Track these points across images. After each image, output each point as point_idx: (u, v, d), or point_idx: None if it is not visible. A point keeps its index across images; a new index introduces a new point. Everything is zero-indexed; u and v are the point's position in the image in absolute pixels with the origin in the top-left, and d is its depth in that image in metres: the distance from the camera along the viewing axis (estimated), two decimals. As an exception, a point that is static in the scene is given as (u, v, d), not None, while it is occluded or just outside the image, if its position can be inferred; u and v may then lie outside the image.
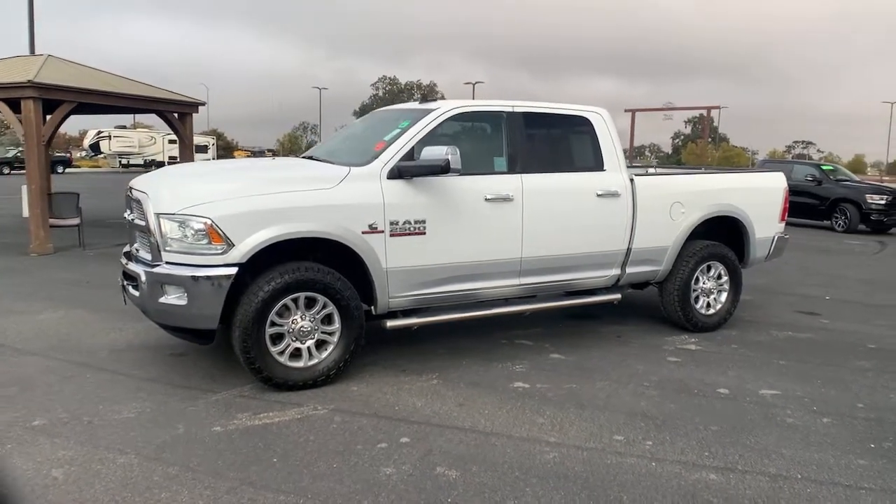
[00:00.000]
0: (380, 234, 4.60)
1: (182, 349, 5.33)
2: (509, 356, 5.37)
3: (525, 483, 3.34)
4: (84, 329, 5.87)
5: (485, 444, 3.78)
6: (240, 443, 3.70)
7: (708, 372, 5.14)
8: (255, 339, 4.30)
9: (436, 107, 5.08)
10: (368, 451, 3.65)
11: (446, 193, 4.83)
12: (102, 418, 3.99)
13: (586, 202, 5.46)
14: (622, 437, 3.93)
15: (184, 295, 4.19)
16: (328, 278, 4.47)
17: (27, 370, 4.79)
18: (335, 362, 4.58)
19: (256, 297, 4.27)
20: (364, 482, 3.30)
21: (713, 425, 4.13)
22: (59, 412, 4.06)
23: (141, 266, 4.39)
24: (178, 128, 12.22)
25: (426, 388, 4.61)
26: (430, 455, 3.61)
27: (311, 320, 4.49)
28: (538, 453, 3.68)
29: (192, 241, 4.20)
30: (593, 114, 5.70)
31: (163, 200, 4.29)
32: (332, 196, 4.49)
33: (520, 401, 4.44)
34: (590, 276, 5.65)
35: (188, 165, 5.93)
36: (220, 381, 4.64)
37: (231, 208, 4.22)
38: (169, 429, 3.86)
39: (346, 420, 4.05)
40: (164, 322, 4.40)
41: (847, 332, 6.48)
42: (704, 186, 6.21)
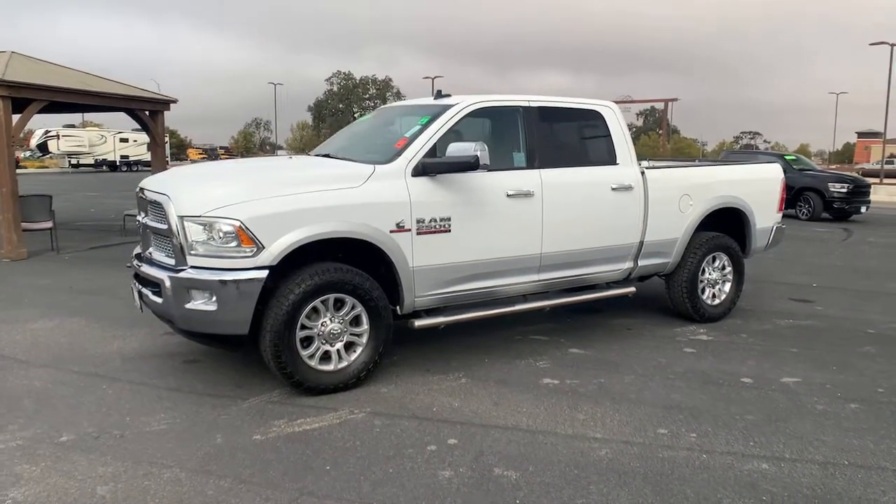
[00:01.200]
0: (407, 232, 4.52)
1: (195, 356, 5.15)
2: (529, 352, 5.36)
3: (586, 481, 3.33)
4: (85, 338, 5.62)
5: (533, 442, 3.75)
6: (286, 451, 3.59)
7: (727, 362, 5.21)
8: (286, 344, 4.18)
9: (454, 102, 5.01)
10: (419, 454, 3.58)
11: (470, 190, 4.78)
12: (133, 431, 3.82)
13: (602, 196, 5.47)
14: (666, 431, 3.95)
15: (212, 300, 4.04)
16: (357, 279, 4.37)
17: (38, 383, 4.56)
18: (364, 364, 4.48)
19: (287, 300, 4.14)
20: (426, 486, 3.24)
21: (748, 415, 4.19)
22: (85, 426, 3.87)
23: (164, 271, 4.21)
24: (149, 126, 11.83)
25: (457, 388, 4.56)
26: (483, 456, 3.57)
27: (340, 322, 4.38)
28: (589, 450, 3.67)
29: (219, 245, 4.05)
30: (604, 107, 5.71)
31: (187, 203, 4.12)
32: (360, 195, 4.39)
33: (553, 397, 4.43)
34: (604, 270, 5.67)
35: (204, 165, 5.71)
36: (244, 388, 4.50)
37: (260, 209, 4.08)
38: (207, 440, 3.72)
39: (387, 423, 3.97)
40: (191, 329, 4.23)
41: (843, 318, 6.67)
42: (710, 179, 6.30)
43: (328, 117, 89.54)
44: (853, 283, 8.67)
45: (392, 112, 5.75)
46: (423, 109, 5.13)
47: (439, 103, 5.09)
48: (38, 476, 3.30)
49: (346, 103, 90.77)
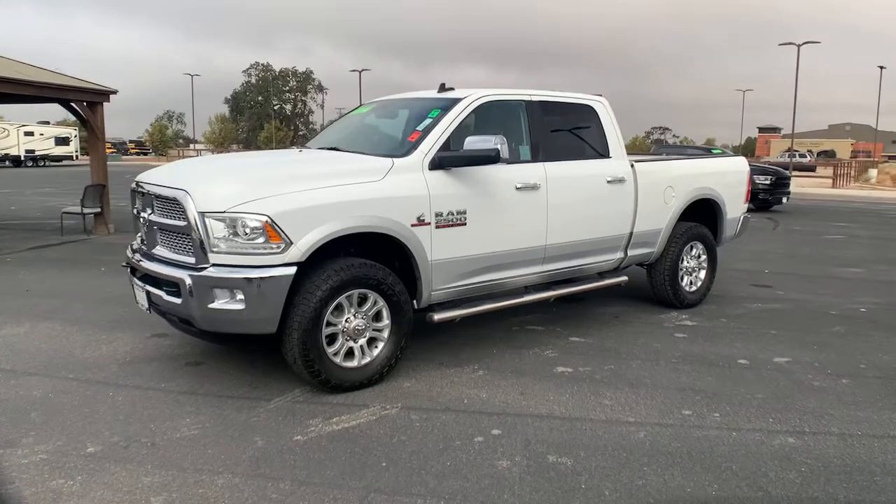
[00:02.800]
0: (426, 226, 4.50)
1: (196, 357, 4.96)
2: (532, 342, 5.45)
3: (638, 463, 3.44)
4: (68, 343, 5.29)
5: (573, 429, 3.84)
6: (334, 450, 3.52)
7: (717, 345, 5.48)
8: (313, 342, 4.09)
9: (463, 95, 5.02)
10: (469, 446, 3.60)
11: (483, 183, 4.81)
12: (163, 438, 3.64)
13: (598, 189, 5.63)
14: (690, 412, 4.13)
15: (240, 299, 3.90)
16: (381, 274, 4.33)
17: (36, 392, 4.26)
18: (387, 360, 4.45)
19: (315, 297, 4.05)
20: (490, 477, 3.26)
21: (758, 394, 4.43)
22: (108, 436, 3.66)
23: (182, 270, 4.02)
24: (88, 119, 11.16)
25: (478, 380, 4.59)
26: (532, 445, 3.62)
27: (363, 318, 4.33)
28: (628, 434, 3.80)
29: (245, 241, 3.91)
30: (596, 102, 5.87)
31: (208, 198, 3.95)
32: (382, 189, 4.34)
33: (574, 385, 4.54)
34: (599, 261, 5.84)
35: (213, 159, 5.46)
36: (261, 389, 4.37)
37: (288, 204, 3.97)
38: (246, 443, 3.60)
39: (425, 418, 3.96)
40: (215, 329, 4.06)
41: (805, 301, 7.14)
42: (690, 171, 6.59)
43: (246, 110, 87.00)
44: (799, 268, 9.26)
45: (393, 104, 5.69)
46: (429, 102, 5.11)
47: (447, 96, 5.09)
48: (79, 491, 3.10)
49: (266, 95, 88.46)
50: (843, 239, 12.74)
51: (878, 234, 13.58)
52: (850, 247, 11.63)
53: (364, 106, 5.92)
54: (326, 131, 5.91)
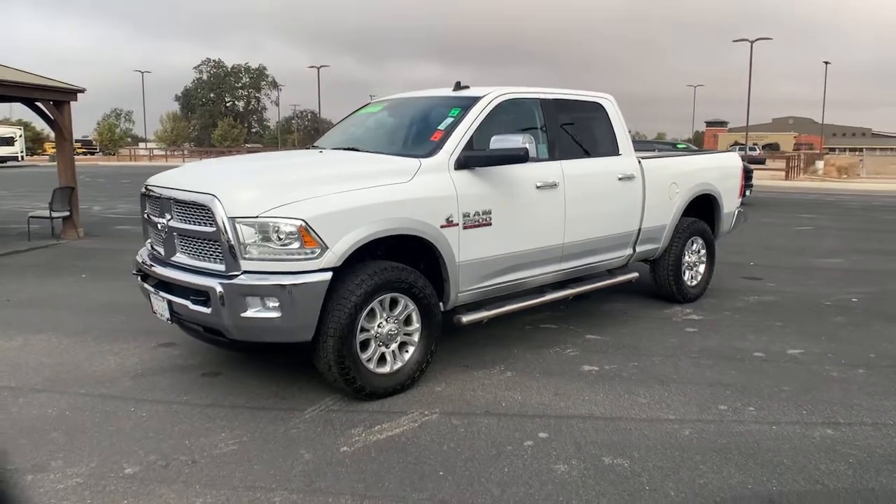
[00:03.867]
0: (454, 227, 4.43)
1: (211, 368, 4.77)
2: (550, 341, 5.43)
3: (693, 461, 3.45)
4: (70, 356, 5.03)
5: (618, 429, 3.83)
6: (385, 461, 3.42)
7: (730, 339, 5.56)
8: (348, 349, 3.97)
9: (482, 93, 4.95)
10: (521, 451, 3.55)
11: (506, 182, 4.76)
12: (204, 455, 3.48)
13: (611, 186, 5.64)
14: (725, 407, 4.16)
15: (275, 306, 3.75)
16: (412, 277, 4.23)
17: (51, 411, 4.03)
18: (418, 364, 4.36)
19: (350, 302, 3.94)
20: (552, 483, 3.22)
21: (784, 386, 4.50)
22: (143, 455, 3.48)
23: (211, 278, 3.85)
24: (55, 118, 10.67)
25: (508, 382, 4.54)
26: (583, 447, 3.59)
27: (394, 322, 4.23)
28: (673, 432, 3.80)
29: (279, 247, 3.76)
30: (604, 99, 5.88)
31: (238, 203, 3.78)
32: (412, 190, 4.25)
33: (605, 383, 4.53)
34: (610, 258, 5.86)
35: (231, 161, 5.22)
36: (291, 398, 4.23)
37: (322, 207, 3.84)
38: (293, 456, 3.47)
39: (467, 423, 3.89)
40: (248, 339, 3.90)
41: (798, 293, 7.32)
42: (692, 167, 6.67)
43: (198, 107, 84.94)
44: (780, 260, 9.50)
45: (407, 103, 5.57)
46: (447, 101, 5.03)
47: (465, 95, 5.02)
48: (128, 515, 2.93)
49: (218, 92, 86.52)
50: (812, 230, 13.14)
51: (842, 226, 14.04)
52: (821, 238, 11.99)
53: (373, 104, 5.79)
54: (336, 131, 5.76)
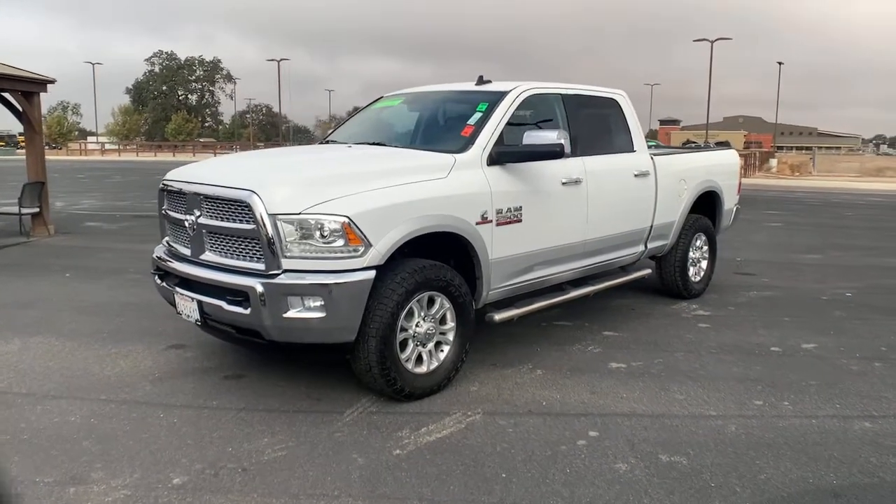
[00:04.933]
0: (489, 224, 4.36)
1: (232, 370, 4.60)
2: (569, 338, 5.41)
3: (748, 457, 3.46)
4: (74, 359, 4.78)
5: (665, 426, 3.82)
6: (443, 463, 3.34)
7: (743, 334, 5.63)
8: (390, 349, 3.87)
9: (508, 88, 4.89)
10: (577, 450, 3.51)
11: (535, 178, 4.71)
12: (252, 462, 3.33)
13: (628, 182, 5.65)
14: (761, 402, 4.20)
15: (319, 306, 3.62)
16: (449, 275, 4.15)
17: (74, 418, 3.80)
18: (453, 363, 4.28)
19: (392, 301, 3.83)
20: (618, 482, 3.18)
21: (811, 380, 4.57)
22: (188, 464, 3.31)
23: (250, 277, 3.69)
24: (25, 111, 10.17)
25: (541, 380, 4.50)
26: (637, 445, 3.57)
27: (431, 321, 4.14)
28: (719, 427, 3.82)
29: (322, 244, 3.63)
30: (619, 95, 5.88)
31: (279, 199, 3.63)
32: (449, 186, 4.16)
33: (637, 380, 4.52)
34: (626, 254, 5.87)
35: (262, 155, 4.96)
36: (326, 400, 4.10)
37: (364, 204, 3.72)
38: (346, 461, 3.35)
39: (514, 423, 3.83)
40: (290, 340, 3.75)
41: (792, 288, 7.48)
42: (698, 164, 6.73)
43: (150, 100, 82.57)
44: (764, 256, 9.71)
45: (428, 97, 5.45)
46: (473, 95, 4.94)
47: (491, 89, 4.94)
48: (189, 528, 2.78)
49: (171, 85, 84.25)
50: (783, 227, 13.49)
51: (810, 222, 14.47)
52: (795, 234, 12.31)
53: (389, 98, 5.65)
54: (352, 125, 5.60)
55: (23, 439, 3.54)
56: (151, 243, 9.99)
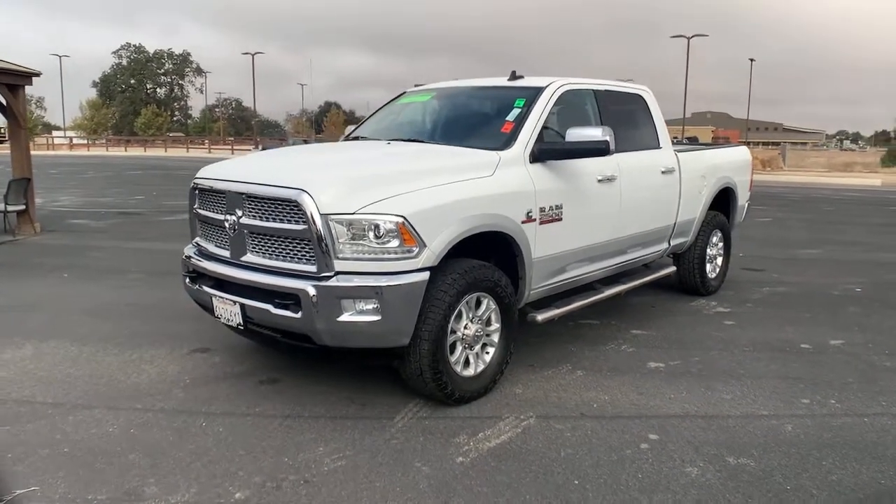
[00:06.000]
0: (533, 222, 4.26)
1: (266, 373, 4.44)
2: (600, 337, 5.36)
3: (813, 458, 3.42)
4: (95, 366, 4.56)
5: (722, 427, 3.78)
6: (511, 471, 3.24)
7: (770, 331, 5.63)
8: (441, 352, 3.75)
9: (544, 83, 4.79)
10: (642, 454, 3.44)
11: (573, 176, 4.62)
12: (313, 473, 3.19)
13: (656, 179, 5.60)
14: (808, 400, 4.18)
15: (374, 309, 3.49)
16: (496, 275, 4.04)
17: (111, 428, 3.62)
18: (498, 366, 4.18)
19: (444, 303, 3.71)
20: (695, 487, 3.12)
21: (848, 378, 4.57)
22: (245, 476, 3.15)
23: (301, 280, 3.54)
24: (9, 104, 9.78)
25: (584, 381, 4.42)
26: (701, 448, 3.51)
27: (478, 323, 4.03)
28: (776, 427, 3.78)
29: (377, 245, 3.49)
30: (644, 91, 5.83)
31: (332, 198, 3.48)
32: (496, 184, 4.05)
33: (681, 380, 4.48)
34: (652, 252, 5.83)
35: (300, 152, 4.75)
36: (371, 406, 3.97)
37: (419, 203, 3.59)
38: (410, 470, 3.23)
39: (570, 427, 3.74)
40: (343, 345, 3.60)
41: (802, 283, 7.53)
42: (717, 161, 6.72)
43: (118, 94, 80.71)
44: (764, 251, 9.78)
45: (461, 93, 5.31)
46: (509, 91, 4.84)
47: (527, 85, 4.84)
48: (265, 546, 2.64)
49: (139, 79, 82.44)
50: (773, 221, 13.65)
51: (797, 217, 14.67)
52: (787, 229, 12.46)
53: (417, 94, 5.51)
54: (378, 120, 5.42)
55: (63, 452, 3.34)
56: (144, 241, 9.77)
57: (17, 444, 3.42)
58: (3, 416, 3.75)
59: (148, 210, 13.99)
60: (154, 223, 11.96)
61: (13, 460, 3.26)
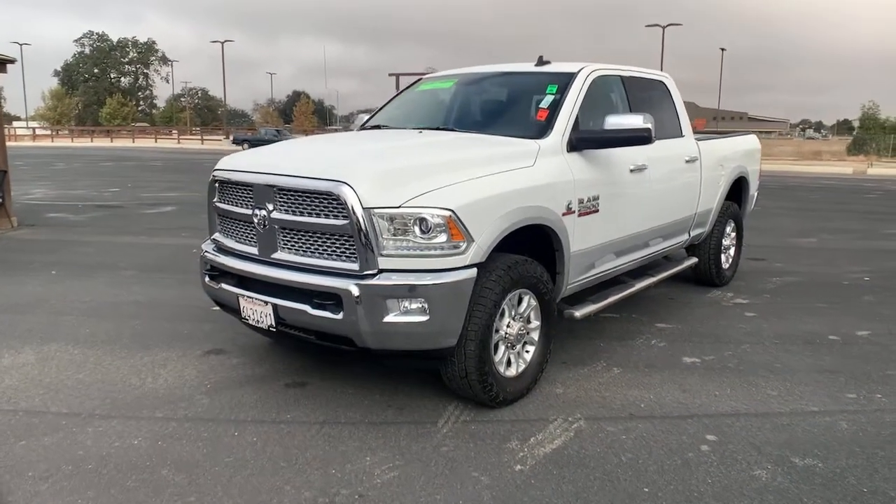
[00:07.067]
0: (572, 214, 4.08)
1: (292, 376, 4.20)
2: (625, 332, 5.21)
3: (878, 456, 3.31)
4: (106, 371, 4.27)
5: (777, 425, 3.65)
6: (575, 478, 3.06)
7: (794, 322, 5.55)
8: (487, 353, 3.56)
9: (574, 69, 4.60)
10: (705, 457, 3.29)
11: (608, 166, 4.45)
12: (364, 486, 2.98)
13: (680, 168, 5.46)
14: (854, 395, 4.09)
15: (422, 308, 3.27)
16: (538, 270, 3.86)
17: (136, 441, 3.34)
18: (539, 365, 4.00)
19: (490, 301, 3.51)
20: (770, 492, 2.98)
21: (887, 370, 4.50)
22: (293, 492, 2.93)
23: (343, 279, 3.30)
24: (-18, 91, 9.25)
25: (622, 379, 4.27)
26: (763, 448, 3.38)
27: (520, 321, 3.84)
28: (831, 425, 3.67)
29: (422, 240, 3.27)
30: (666, 77, 5.68)
31: (375, 191, 3.25)
32: (538, 175, 3.86)
33: (721, 376, 4.35)
34: (674, 243, 5.70)
35: (332, 141, 4.45)
36: (409, 410, 3.76)
37: (466, 195, 3.38)
38: (469, 480, 3.04)
39: (623, 429, 3.58)
40: (387, 347, 3.38)
41: (809, 272, 7.51)
42: (733, 150, 6.61)
43: (81, 83, 78.42)
44: (760, 240, 9.69)
45: (486, 79, 5.08)
46: (539, 77, 4.64)
47: (556, 71, 4.65)
48: (332, 571, 2.42)
49: (102, 68, 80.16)
50: (760, 210, 13.53)
51: (781, 205, 14.75)
52: (776, 218, 12.50)
53: (436, 80, 5.26)
54: (396, 108, 5.15)
55: (88, 469, 3.07)
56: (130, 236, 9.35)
57: (37, 461, 3.14)
58: (15, 430, 3.45)
59: (127, 203, 13.49)
60: (136, 216, 11.51)
61: (35, 479, 2.98)
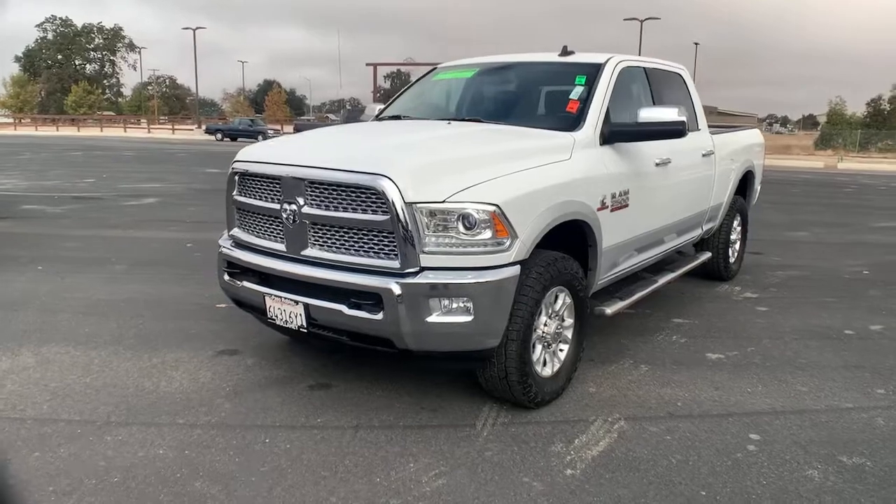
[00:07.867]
0: (605, 209, 3.98)
1: (314, 378, 4.04)
2: (643, 327, 5.14)
3: (925, 455, 3.29)
4: (114, 374, 4.04)
5: (817, 423, 3.61)
6: (630, 483, 2.97)
7: (807, 317, 5.54)
8: (527, 353, 3.44)
9: (601, 60, 4.49)
10: (753, 457, 3.22)
11: (638, 160, 4.36)
12: (414, 495, 2.84)
13: (699, 162, 5.40)
14: (883, 390, 4.07)
15: (466, 308, 3.13)
16: (574, 267, 3.74)
17: (162, 450, 3.15)
18: (573, 364, 3.90)
19: (531, 300, 3.39)
20: (827, 493, 2.92)
21: (909, 365, 4.51)
22: (338, 503, 2.78)
23: (383, 277, 3.14)
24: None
25: (652, 376, 4.20)
26: (809, 447, 3.33)
27: (555, 319, 3.73)
28: (868, 421, 3.65)
29: (466, 237, 3.13)
30: (682, 70, 5.61)
31: (417, 184, 3.09)
32: (574, 169, 3.74)
33: (749, 372, 4.31)
34: (690, 237, 5.65)
35: (359, 131, 4.23)
36: (443, 412, 3.63)
37: (509, 190, 3.25)
38: (521, 487, 2.92)
39: (665, 429, 3.49)
40: (430, 348, 3.23)
41: (810, 266, 7.54)
42: (742, 144, 6.58)
43: (44, 70, 76.14)
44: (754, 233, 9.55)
45: (509, 69, 4.91)
46: (566, 68, 4.52)
47: (583, 61, 4.53)
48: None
49: (66, 54, 77.91)
50: (746, 203, 13.79)
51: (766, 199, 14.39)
52: (761, 211, 12.25)
53: (455, 70, 5.08)
54: (412, 99, 4.98)
55: (114, 483, 2.88)
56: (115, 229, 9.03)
57: (56, 474, 2.93)
58: (27, 440, 3.23)
59: (105, 194, 13.05)
60: (117, 208, 11.12)
61: (58, 495, 2.78)
